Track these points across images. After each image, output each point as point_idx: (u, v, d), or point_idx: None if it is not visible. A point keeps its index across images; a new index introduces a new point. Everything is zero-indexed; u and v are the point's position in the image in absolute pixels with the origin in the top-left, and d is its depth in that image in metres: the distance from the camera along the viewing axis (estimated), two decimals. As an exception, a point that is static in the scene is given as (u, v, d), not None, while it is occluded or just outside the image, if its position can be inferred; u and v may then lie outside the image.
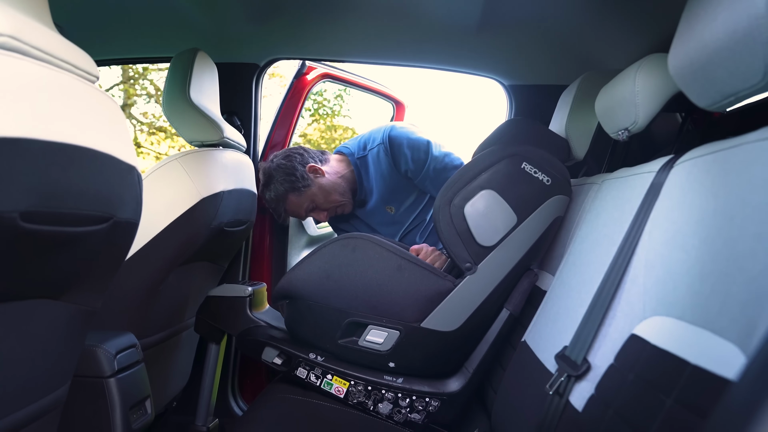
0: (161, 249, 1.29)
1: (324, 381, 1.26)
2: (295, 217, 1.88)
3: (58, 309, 0.76)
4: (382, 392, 1.22)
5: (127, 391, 1.01)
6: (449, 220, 1.18)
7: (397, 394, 1.21)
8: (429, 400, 1.20)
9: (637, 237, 0.81)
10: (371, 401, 1.23)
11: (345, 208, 1.89)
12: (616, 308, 0.80)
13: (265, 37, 1.77)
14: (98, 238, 0.74)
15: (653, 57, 0.99)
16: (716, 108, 0.71)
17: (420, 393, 1.21)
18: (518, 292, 1.21)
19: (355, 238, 1.27)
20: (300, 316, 1.31)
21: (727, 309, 0.55)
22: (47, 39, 0.64)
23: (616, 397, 0.68)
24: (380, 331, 1.22)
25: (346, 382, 1.24)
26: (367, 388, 1.23)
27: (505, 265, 1.19)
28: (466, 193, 1.18)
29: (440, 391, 1.21)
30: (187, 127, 1.44)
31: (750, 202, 0.58)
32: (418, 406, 1.21)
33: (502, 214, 1.17)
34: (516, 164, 1.18)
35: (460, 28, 1.56)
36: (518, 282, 1.23)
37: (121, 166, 0.76)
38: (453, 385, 1.22)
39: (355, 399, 1.24)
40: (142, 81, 10.11)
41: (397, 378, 1.23)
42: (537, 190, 1.18)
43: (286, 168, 1.75)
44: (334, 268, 1.25)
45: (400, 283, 1.21)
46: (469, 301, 1.19)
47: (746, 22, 0.58)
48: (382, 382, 1.22)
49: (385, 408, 1.22)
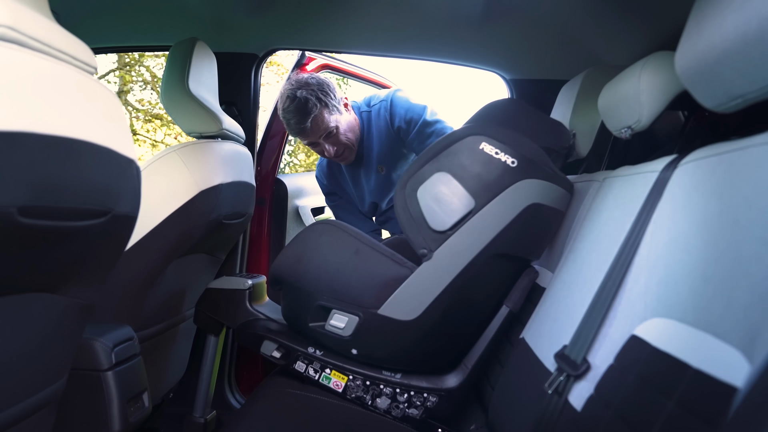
0: (159, 241, 1.28)
1: (322, 375, 1.26)
2: (308, 138, 1.82)
3: (56, 302, 0.76)
4: (380, 387, 1.22)
5: (125, 384, 1.01)
6: (404, 203, 1.14)
7: (395, 389, 1.22)
8: (427, 395, 1.20)
9: (640, 237, 0.81)
10: (369, 396, 1.23)
11: (349, 155, 1.92)
12: (616, 308, 0.80)
13: (264, 27, 1.76)
14: (96, 232, 0.73)
15: (659, 55, 0.98)
16: (722, 109, 0.70)
17: (418, 388, 1.21)
18: (518, 290, 1.21)
19: (323, 223, 1.30)
20: (283, 298, 1.34)
21: (730, 313, 0.55)
22: (46, 29, 0.62)
23: (616, 398, 0.68)
24: (342, 316, 1.21)
25: (344, 376, 1.24)
26: (365, 382, 1.23)
27: (465, 252, 1.11)
28: (420, 175, 1.13)
29: (438, 387, 1.21)
30: (186, 118, 1.43)
31: (756, 205, 0.57)
32: (416, 402, 1.21)
33: (456, 198, 1.10)
34: (473, 144, 1.11)
35: (461, 21, 1.55)
36: (517, 279, 1.22)
37: (120, 160, 0.75)
38: (451, 381, 1.22)
39: (353, 393, 1.24)
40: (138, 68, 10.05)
41: (395, 373, 1.23)
42: (499, 173, 1.09)
43: (328, 86, 1.77)
44: (304, 251, 1.26)
45: (356, 267, 1.20)
46: (427, 289, 1.13)
47: (757, 23, 0.57)
48: (380, 377, 1.22)
49: (383, 403, 1.22)
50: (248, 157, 1.69)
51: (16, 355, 0.71)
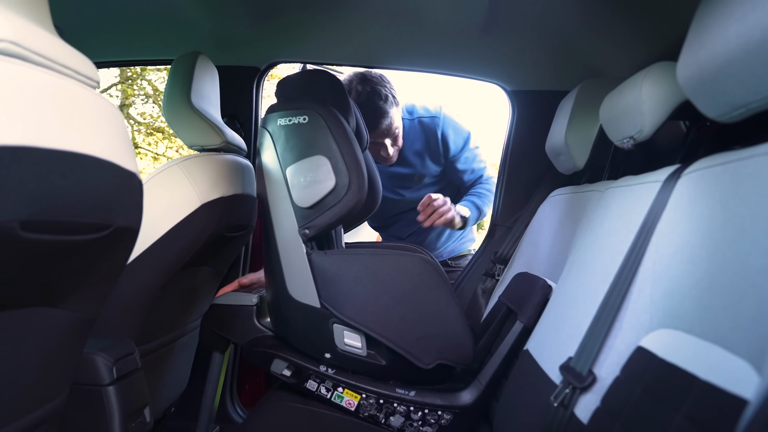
0: (161, 254, 1.28)
1: (335, 394, 1.24)
2: (378, 138, 1.84)
3: (57, 317, 0.75)
4: (394, 405, 1.20)
5: (126, 399, 1.00)
6: None
7: (410, 407, 1.20)
8: (441, 413, 1.19)
9: (644, 248, 0.80)
10: (383, 414, 1.21)
11: (394, 156, 1.96)
12: (622, 319, 0.79)
13: (265, 40, 1.77)
14: (98, 246, 0.73)
15: (660, 65, 0.98)
16: (725, 119, 0.70)
17: (432, 406, 1.19)
18: (532, 305, 1.18)
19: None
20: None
21: (737, 324, 0.54)
22: (48, 44, 0.63)
23: (623, 411, 0.67)
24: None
25: (357, 395, 1.22)
26: (378, 401, 1.21)
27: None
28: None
29: (453, 404, 1.20)
30: (188, 131, 1.44)
31: (762, 215, 0.57)
32: (430, 419, 1.19)
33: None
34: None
35: (462, 33, 1.55)
36: (532, 294, 1.21)
37: (122, 173, 0.75)
38: (465, 398, 1.20)
39: (366, 412, 1.22)
40: (140, 81, 10.11)
41: (409, 391, 1.21)
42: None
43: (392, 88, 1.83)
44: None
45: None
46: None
47: (760, 33, 0.57)
48: (394, 395, 1.21)
49: (396, 421, 1.20)
50: (250, 169, 1.69)
51: (17, 370, 0.70)
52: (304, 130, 1.21)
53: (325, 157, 1.18)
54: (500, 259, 1.70)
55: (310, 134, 1.20)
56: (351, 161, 1.18)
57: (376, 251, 1.22)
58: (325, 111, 1.21)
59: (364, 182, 1.20)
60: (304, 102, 1.24)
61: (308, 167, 1.19)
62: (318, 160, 1.19)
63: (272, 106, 1.30)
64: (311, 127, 1.21)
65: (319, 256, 1.20)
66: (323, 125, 1.20)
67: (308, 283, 1.21)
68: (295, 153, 1.21)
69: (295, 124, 1.22)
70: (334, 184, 1.18)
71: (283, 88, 1.39)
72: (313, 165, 1.19)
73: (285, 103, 1.28)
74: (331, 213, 1.18)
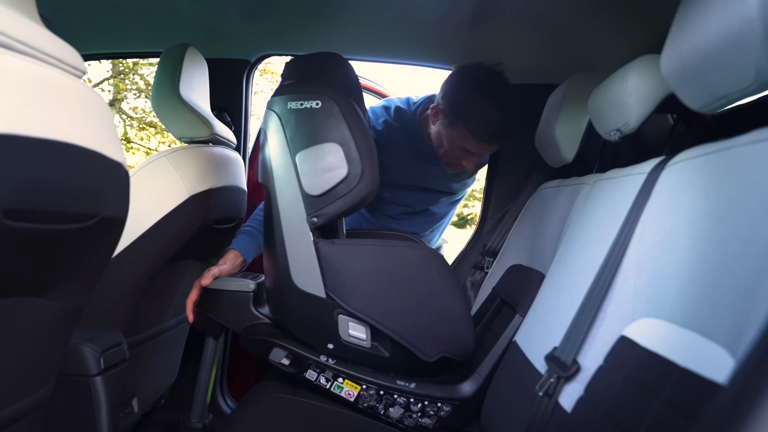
0: (149, 246, 1.27)
1: (335, 384, 1.23)
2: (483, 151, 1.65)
3: (44, 307, 0.75)
4: (394, 397, 1.20)
5: (114, 389, 1.00)
6: None
7: (409, 398, 1.20)
8: (441, 405, 1.19)
9: (628, 238, 0.81)
10: (382, 405, 1.21)
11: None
12: (606, 310, 0.80)
13: (255, 33, 1.76)
14: (84, 236, 0.73)
15: (646, 58, 0.99)
16: (708, 110, 0.71)
17: (432, 398, 1.19)
18: (531, 298, 1.17)
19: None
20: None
21: (716, 312, 0.55)
22: (33, 33, 0.62)
23: (605, 399, 0.68)
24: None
25: (357, 386, 1.22)
26: (378, 392, 1.21)
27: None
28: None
29: (452, 396, 1.20)
30: (177, 123, 1.43)
31: (741, 205, 0.58)
32: (429, 411, 1.20)
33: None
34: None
35: (452, 26, 1.55)
36: (530, 287, 1.21)
37: (108, 163, 0.75)
38: (465, 390, 1.20)
39: (365, 403, 1.22)
40: (132, 76, 10.07)
41: (409, 383, 1.21)
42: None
43: None
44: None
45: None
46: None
47: (738, 25, 0.58)
48: (394, 387, 1.20)
49: (396, 412, 1.20)
50: (240, 162, 1.68)
51: (3, 360, 0.70)
52: (316, 115, 1.17)
53: (338, 145, 1.16)
54: (489, 251, 1.71)
55: (323, 120, 1.17)
56: (364, 150, 1.16)
57: (386, 243, 1.20)
58: (340, 97, 1.17)
59: (377, 172, 1.18)
60: (317, 86, 1.20)
61: (320, 154, 1.16)
62: (330, 147, 1.16)
63: (281, 87, 1.25)
64: (324, 113, 1.17)
65: (327, 245, 1.18)
66: (337, 111, 1.16)
67: (314, 273, 1.18)
68: (307, 139, 1.17)
69: (307, 109, 1.18)
70: (346, 173, 1.15)
71: (292, 69, 1.35)
72: (325, 152, 1.16)
73: (296, 86, 1.24)
74: (342, 202, 1.16)
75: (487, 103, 1.43)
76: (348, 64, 1.36)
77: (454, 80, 1.51)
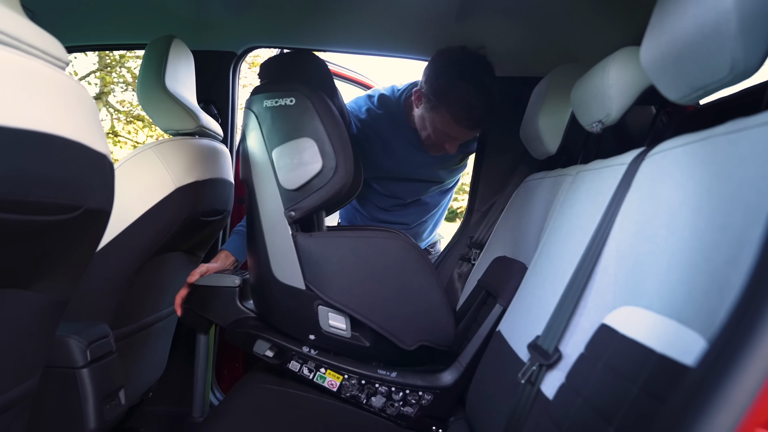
0: (135, 239, 1.27)
1: (317, 374, 1.25)
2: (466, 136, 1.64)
3: (29, 299, 0.75)
4: (376, 386, 1.22)
5: (100, 381, 1.00)
6: None
7: (391, 388, 1.22)
8: (422, 393, 1.21)
9: (609, 228, 0.82)
10: (364, 395, 1.23)
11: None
12: (587, 298, 0.81)
13: (242, 25, 1.75)
14: (68, 227, 0.73)
15: (626, 50, 1.00)
16: (686, 101, 0.72)
17: (413, 387, 1.22)
18: (511, 288, 1.19)
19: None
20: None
21: (692, 299, 0.56)
22: (14, 23, 0.62)
23: (586, 386, 0.69)
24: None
25: (339, 375, 1.24)
26: (360, 381, 1.23)
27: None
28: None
29: (433, 385, 1.22)
30: (162, 115, 1.43)
31: (716, 193, 0.59)
32: (411, 400, 1.22)
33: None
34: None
35: (438, 18, 1.55)
36: (510, 277, 1.23)
37: (92, 154, 0.74)
38: (446, 379, 1.22)
39: (348, 392, 1.24)
40: (119, 69, 9.96)
41: (390, 372, 1.23)
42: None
43: None
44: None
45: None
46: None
47: (714, 17, 0.59)
48: (375, 376, 1.22)
49: (378, 401, 1.22)
50: (226, 154, 1.68)
51: (-12, 352, 0.70)
52: (290, 112, 1.21)
53: (311, 140, 1.19)
54: (476, 243, 1.72)
55: (296, 116, 1.20)
56: (338, 144, 1.19)
57: (361, 234, 1.23)
58: (312, 93, 1.21)
59: (351, 165, 1.20)
60: (291, 84, 1.24)
61: (295, 149, 1.19)
62: (305, 143, 1.19)
63: (258, 87, 1.29)
64: (298, 110, 1.20)
65: (305, 238, 1.21)
66: (310, 107, 1.20)
67: (293, 265, 1.21)
68: (282, 135, 1.21)
69: (282, 106, 1.21)
70: (320, 167, 1.18)
71: (267, 69, 1.38)
72: (299, 147, 1.19)
73: (271, 85, 1.27)
74: (318, 195, 1.19)
75: (470, 89, 1.44)
76: (321, 61, 1.39)
77: (437, 64, 1.51)
